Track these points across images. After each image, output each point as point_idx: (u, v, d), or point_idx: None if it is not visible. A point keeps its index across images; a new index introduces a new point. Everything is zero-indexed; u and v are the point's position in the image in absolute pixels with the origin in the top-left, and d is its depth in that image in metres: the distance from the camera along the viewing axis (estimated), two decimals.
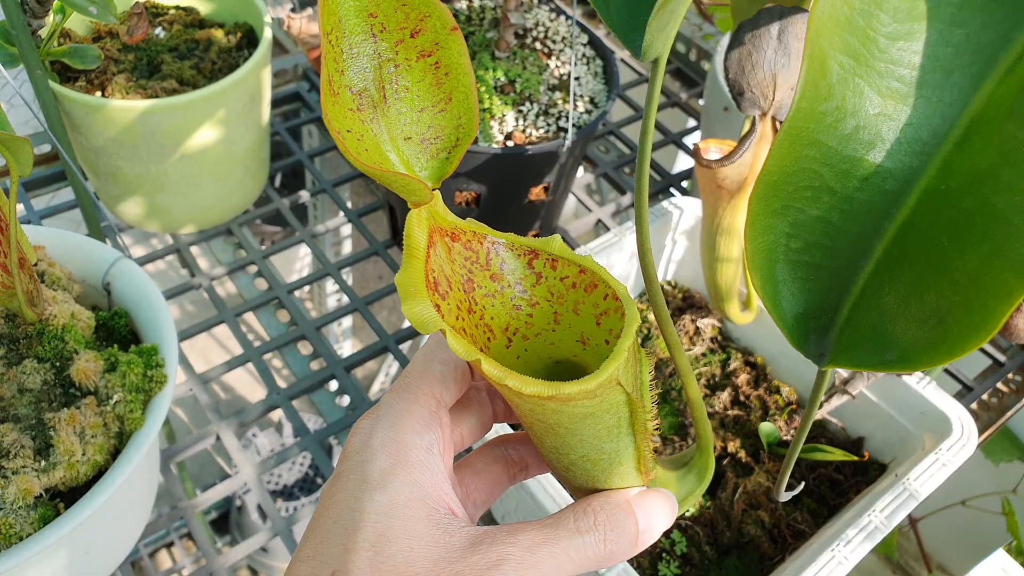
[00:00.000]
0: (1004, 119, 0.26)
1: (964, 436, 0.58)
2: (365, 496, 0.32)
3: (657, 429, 0.36)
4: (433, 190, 0.30)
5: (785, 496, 0.38)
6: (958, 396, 0.88)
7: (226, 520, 1.63)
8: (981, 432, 0.85)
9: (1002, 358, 0.91)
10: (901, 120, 0.28)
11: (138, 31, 0.69)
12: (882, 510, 0.54)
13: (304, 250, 1.77)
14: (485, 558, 0.31)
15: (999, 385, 0.90)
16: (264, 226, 1.95)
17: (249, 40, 0.90)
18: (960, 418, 0.59)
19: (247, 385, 1.88)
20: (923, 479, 0.56)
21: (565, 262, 0.33)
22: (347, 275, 1.53)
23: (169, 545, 1.57)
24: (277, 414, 1.84)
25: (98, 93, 0.81)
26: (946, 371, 0.90)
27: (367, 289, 0.95)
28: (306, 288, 1.64)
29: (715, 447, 0.63)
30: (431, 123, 0.31)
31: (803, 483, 0.42)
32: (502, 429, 0.58)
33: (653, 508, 0.35)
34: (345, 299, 1.40)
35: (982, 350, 0.93)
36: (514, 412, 0.39)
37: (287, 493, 1.61)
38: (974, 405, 0.88)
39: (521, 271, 0.33)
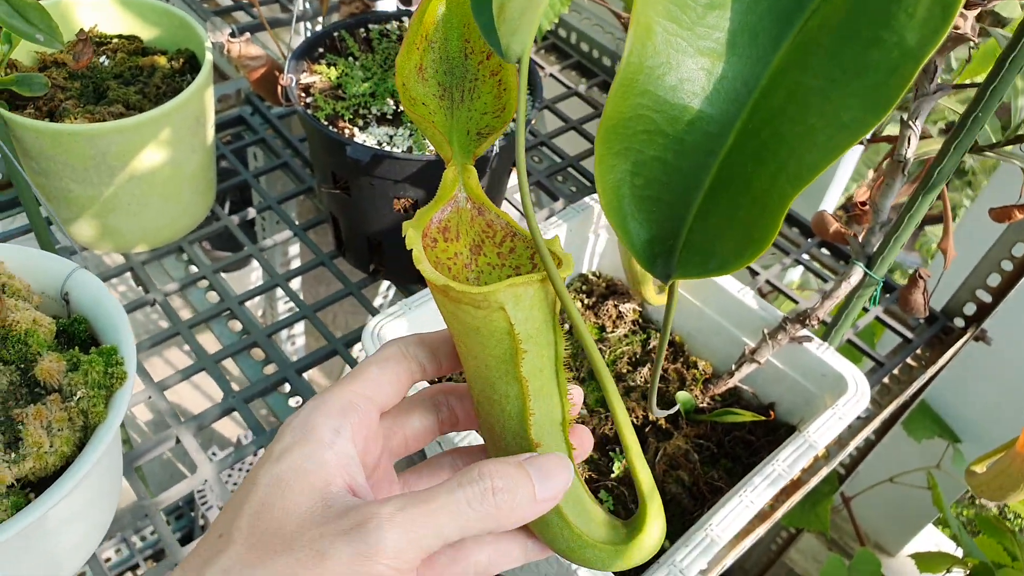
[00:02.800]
0: (792, 68, 0.33)
1: (858, 393, 0.65)
2: (262, 469, 0.35)
3: (575, 413, 0.40)
4: (465, 167, 0.40)
5: (660, 412, 0.43)
6: (871, 372, 0.95)
7: (190, 538, 1.64)
8: (892, 402, 0.92)
9: (911, 335, 0.99)
10: (718, 74, 0.34)
11: (84, 56, 0.73)
12: (784, 459, 0.60)
13: (256, 275, 1.80)
14: (350, 519, 0.32)
15: (908, 360, 0.97)
16: (215, 252, 1.98)
17: (191, 65, 0.95)
18: (854, 377, 0.66)
19: (203, 405, 1.91)
20: (821, 431, 0.62)
21: (553, 255, 0.38)
22: (297, 287, 1.58)
23: (135, 567, 1.58)
24: (236, 433, 1.86)
25: (46, 120, 0.85)
26: (860, 349, 0.98)
27: (320, 297, 1.01)
28: (261, 308, 1.68)
29: (637, 416, 0.69)
30: (488, 124, 0.40)
31: (676, 407, 0.47)
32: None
33: (545, 466, 0.36)
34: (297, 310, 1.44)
35: (893, 329, 1.00)
36: (458, 419, 0.44)
37: None
38: (886, 379, 0.95)
39: (524, 259, 0.40)
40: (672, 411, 0.46)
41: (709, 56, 0.34)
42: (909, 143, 0.61)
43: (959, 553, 1.33)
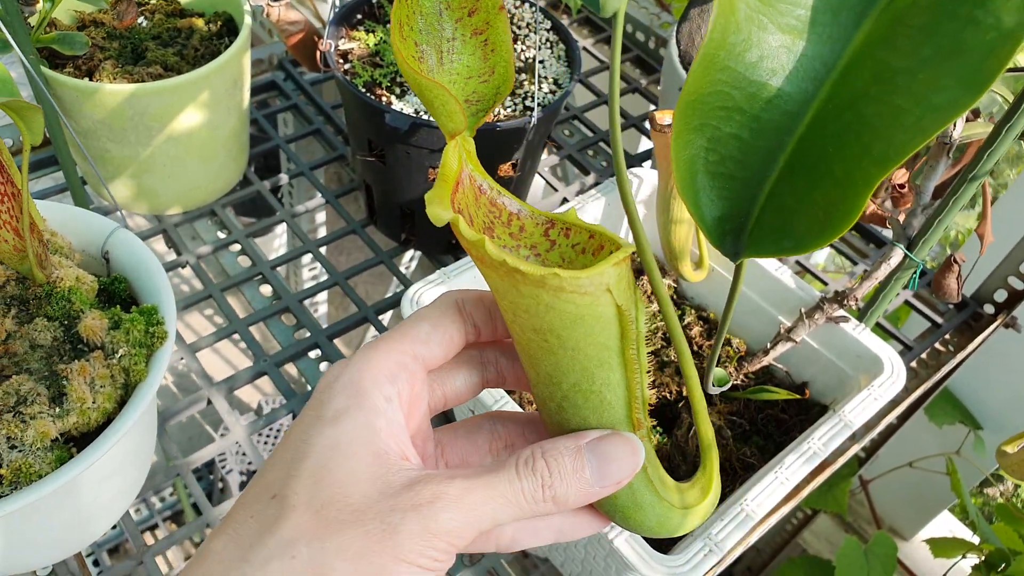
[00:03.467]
0: (877, 48, 0.32)
1: (894, 374, 0.65)
2: (315, 430, 0.34)
3: (652, 390, 0.38)
4: (466, 136, 0.36)
5: (714, 390, 0.43)
6: (899, 355, 0.95)
7: (209, 500, 1.66)
8: (919, 387, 0.92)
9: (940, 320, 0.99)
10: (798, 52, 0.34)
11: (127, 16, 0.73)
12: (820, 438, 0.60)
13: (279, 240, 1.81)
14: (420, 495, 0.32)
15: (937, 345, 0.97)
16: (240, 217, 1.99)
17: (229, 28, 0.95)
18: (890, 358, 0.66)
19: (222, 368, 1.92)
20: (857, 411, 0.62)
21: (577, 229, 0.36)
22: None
23: (153, 528, 1.60)
24: (256, 400, 1.88)
25: (85, 79, 0.85)
26: (888, 332, 0.97)
27: (341, 266, 1.02)
28: (283, 275, 1.69)
29: (671, 392, 0.69)
30: (475, 89, 0.36)
31: (728, 384, 0.48)
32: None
33: (607, 452, 0.35)
34: (322, 277, 1.45)
35: (922, 313, 1.00)
36: (505, 379, 0.42)
37: None
38: (914, 364, 0.95)
39: (538, 237, 0.37)
40: (725, 388, 0.46)
41: (790, 33, 0.34)
42: (955, 125, 0.60)
43: (973, 539, 1.33)
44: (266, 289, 0.96)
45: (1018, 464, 0.68)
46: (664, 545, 0.61)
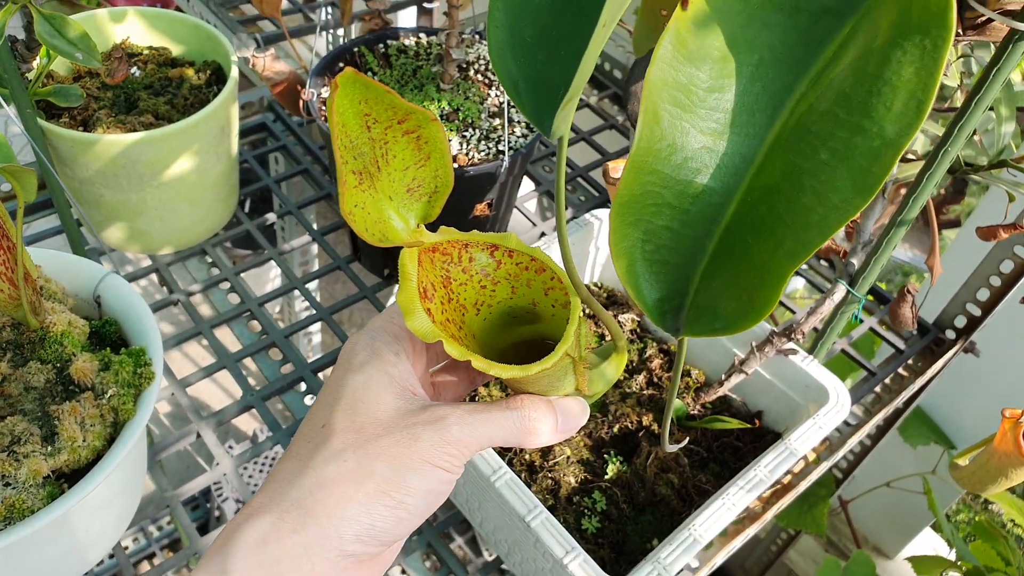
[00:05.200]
0: (784, 148, 0.36)
1: (839, 404, 0.69)
2: (347, 376, 0.44)
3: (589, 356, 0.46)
4: (418, 226, 0.41)
5: (671, 447, 0.47)
6: (864, 381, 0.99)
7: (205, 530, 1.70)
8: (881, 411, 0.95)
9: (902, 346, 1.02)
10: (720, 151, 0.38)
11: (119, 73, 0.78)
12: (766, 465, 0.64)
13: (275, 271, 1.85)
14: (434, 414, 0.42)
15: (900, 370, 1.01)
16: (235, 250, 2.04)
17: (218, 77, 1.00)
18: (836, 388, 0.70)
19: (222, 402, 1.96)
20: (802, 440, 0.66)
21: (519, 253, 0.42)
22: (315, 285, 1.62)
23: (151, 556, 1.64)
24: (252, 427, 1.91)
25: (80, 128, 0.90)
26: (854, 360, 1.01)
27: (338, 294, 1.05)
28: (279, 305, 1.73)
29: (632, 421, 0.73)
30: (414, 176, 0.40)
31: (687, 439, 0.52)
32: None
33: (568, 407, 0.46)
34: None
35: (886, 340, 1.03)
36: None
37: None
38: (878, 388, 0.99)
39: (485, 260, 0.43)
40: (682, 446, 0.51)
41: (711, 135, 0.37)
42: None
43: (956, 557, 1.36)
44: (254, 324, 1.00)
45: (968, 476, 0.72)
46: (619, 568, 0.65)
